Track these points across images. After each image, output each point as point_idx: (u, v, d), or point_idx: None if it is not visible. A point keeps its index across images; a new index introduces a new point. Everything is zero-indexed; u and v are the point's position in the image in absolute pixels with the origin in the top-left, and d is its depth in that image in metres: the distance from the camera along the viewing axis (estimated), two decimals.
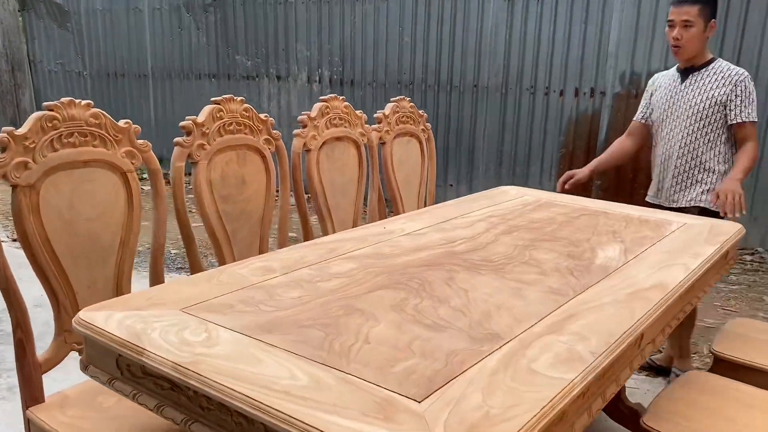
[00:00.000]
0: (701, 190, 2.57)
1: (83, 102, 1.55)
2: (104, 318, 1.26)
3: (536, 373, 1.09)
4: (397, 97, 2.69)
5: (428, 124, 2.84)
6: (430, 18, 5.62)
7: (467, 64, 5.56)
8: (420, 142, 2.79)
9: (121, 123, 1.64)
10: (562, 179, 2.80)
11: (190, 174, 1.84)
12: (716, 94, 2.48)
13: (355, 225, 2.44)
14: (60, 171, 1.52)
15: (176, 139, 1.82)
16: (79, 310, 1.30)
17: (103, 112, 1.58)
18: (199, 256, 1.89)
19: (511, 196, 2.48)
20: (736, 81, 2.46)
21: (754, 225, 4.58)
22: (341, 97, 2.38)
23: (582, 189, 5.33)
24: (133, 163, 1.66)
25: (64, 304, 1.56)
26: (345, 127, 2.37)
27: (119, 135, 1.63)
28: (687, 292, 1.60)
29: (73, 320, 1.27)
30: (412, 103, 2.75)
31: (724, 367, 1.89)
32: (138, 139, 1.68)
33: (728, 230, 2.07)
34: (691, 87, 2.54)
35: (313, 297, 1.40)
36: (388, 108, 2.63)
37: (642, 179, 5.09)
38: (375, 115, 2.59)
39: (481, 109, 5.57)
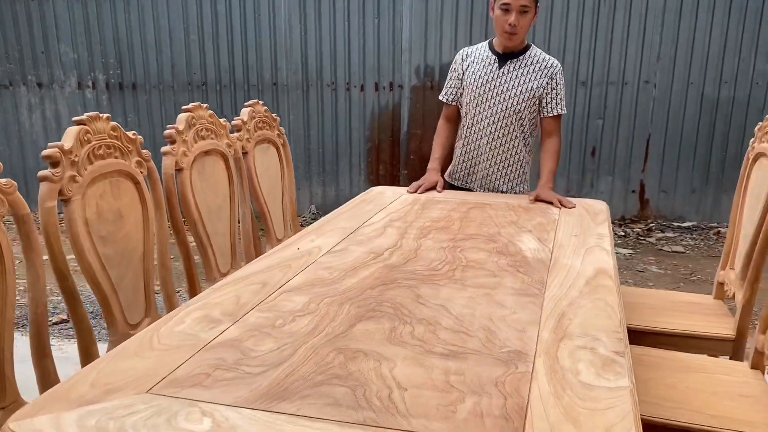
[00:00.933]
0: (517, 180, 2.63)
1: None
2: (52, 424, 0.93)
3: (592, 387, 1.04)
4: (252, 101, 2.46)
5: (282, 128, 2.65)
6: (218, 14, 5.29)
7: (263, 61, 5.35)
8: (277, 148, 2.59)
9: None
10: (419, 191, 2.54)
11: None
12: (534, 86, 2.49)
13: (233, 249, 2.18)
14: None
15: (42, 173, 1.42)
16: None
17: None
18: (88, 318, 1.52)
19: (391, 197, 2.42)
20: (552, 73, 2.50)
21: None
22: (205, 105, 2.09)
23: (390, 180, 5.50)
24: None
25: None
26: (212, 138, 2.09)
27: None
28: None
29: None
30: (265, 107, 2.53)
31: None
32: None
33: (601, 208, 2.25)
34: (509, 75, 2.50)
35: (294, 345, 1.19)
36: (245, 113, 2.39)
37: (446, 165, 5.40)
38: (233, 122, 2.33)
39: (283, 107, 5.41)
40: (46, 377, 1.38)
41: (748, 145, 2.14)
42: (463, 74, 2.60)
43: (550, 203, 2.33)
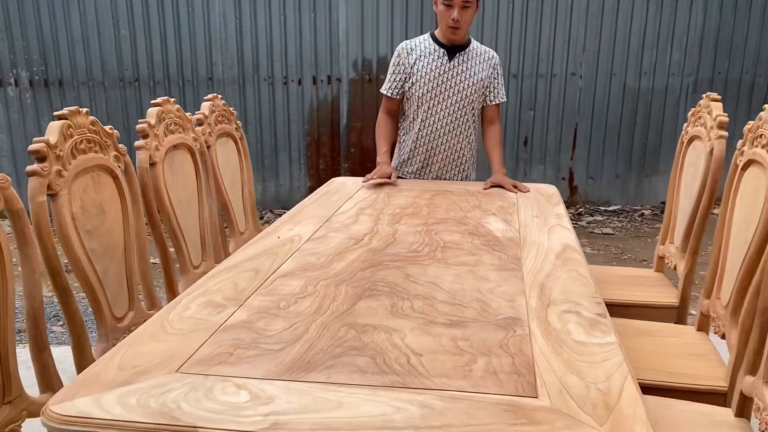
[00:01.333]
0: (471, 169, 2.74)
1: None
2: (94, 404, 0.96)
3: (585, 344, 1.16)
4: (210, 95, 2.46)
5: (239, 122, 2.67)
6: (149, 8, 5.16)
7: (198, 56, 5.27)
8: (236, 142, 2.61)
9: None
10: (372, 182, 2.55)
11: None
12: (482, 77, 2.61)
13: (203, 242, 2.19)
14: None
15: (31, 167, 1.41)
16: None
17: None
18: (80, 313, 1.52)
19: (354, 187, 2.49)
20: (494, 64, 2.64)
21: None
22: (172, 99, 2.09)
23: (332, 174, 5.55)
24: None
25: None
26: (180, 132, 2.10)
27: None
28: None
29: (43, 419, 0.94)
30: (224, 101, 2.55)
31: None
32: None
33: (553, 192, 2.41)
34: (460, 68, 2.59)
35: (306, 323, 1.26)
36: (206, 107, 2.40)
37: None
38: (196, 116, 2.33)
39: None
40: (46, 370, 1.38)
41: (667, 132, 2.34)
42: (411, 68, 2.61)
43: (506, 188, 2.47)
